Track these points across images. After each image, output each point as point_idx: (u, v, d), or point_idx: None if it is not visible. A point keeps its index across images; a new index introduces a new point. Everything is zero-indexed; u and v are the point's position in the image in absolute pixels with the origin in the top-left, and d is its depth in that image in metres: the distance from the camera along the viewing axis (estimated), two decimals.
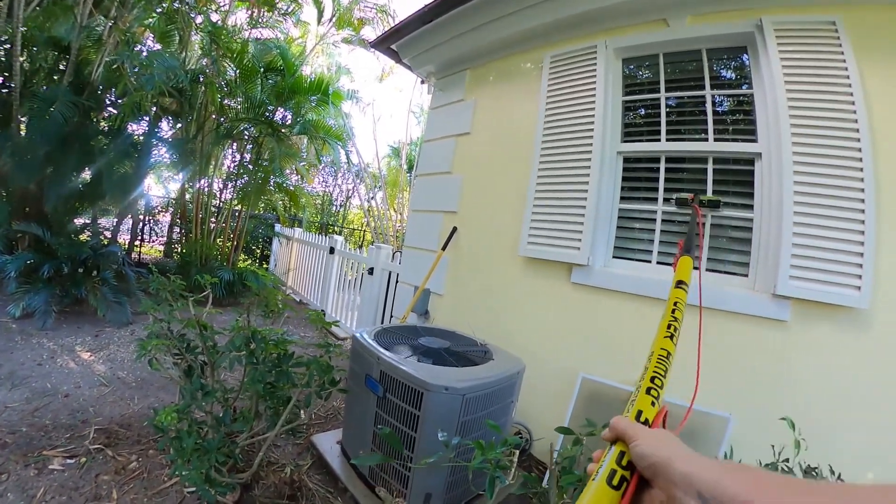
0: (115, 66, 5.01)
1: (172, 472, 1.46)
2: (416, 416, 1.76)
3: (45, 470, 2.03)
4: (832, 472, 1.58)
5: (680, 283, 0.96)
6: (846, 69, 2.03)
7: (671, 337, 0.77)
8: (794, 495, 0.36)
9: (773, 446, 1.65)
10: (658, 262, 2.55)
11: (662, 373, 0.67)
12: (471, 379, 1.84)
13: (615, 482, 0.49)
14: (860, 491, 0.34)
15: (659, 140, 2.66)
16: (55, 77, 5.36)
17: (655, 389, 0.63)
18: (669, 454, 0.45)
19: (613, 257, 2.72)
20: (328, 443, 2.42)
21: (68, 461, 2.12)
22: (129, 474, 2.04)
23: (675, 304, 0.85)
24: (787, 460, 1.58)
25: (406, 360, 1.93)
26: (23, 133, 4.80)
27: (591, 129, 2.74)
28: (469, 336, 2.50)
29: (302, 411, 2.05)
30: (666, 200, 2.57)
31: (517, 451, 1.28)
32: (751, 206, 2.31)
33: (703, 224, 2.13)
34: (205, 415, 1.85)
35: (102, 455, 2.19)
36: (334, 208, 15.02)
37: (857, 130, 1.96)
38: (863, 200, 1.91)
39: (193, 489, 1.48)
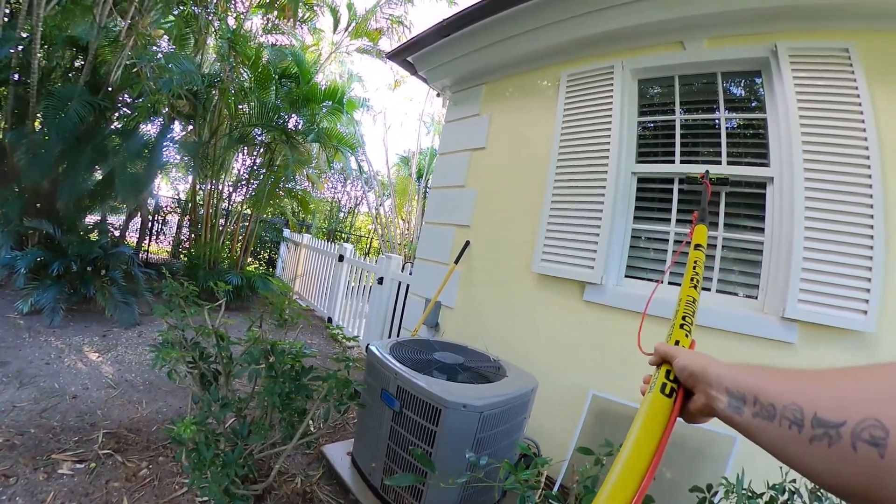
0: (135, 70, 5.05)
1: (190, 483, 1.45)
2: (433, 432, 1.76)
3: (54, 474, 2.02)
4: None
5: (698, 246, 1.13)
6: (858, 96, 2.05)
7: (695, 287, 0.92)
8: (794, 381, 0.45)
9: (780, 467, 1.64)
10: (669, 283, 2.55)
11: (691, 313, 0.82)
12: (487, 396, 1.84)
13: (667, 391, 0.60)
14: (859, 371, 0.42)
15: (673, 162, 2.67)
16: (70, 76, 5.41)
17: (687, 325, 0.78)
18: (704, 363, 0.56)
19: (626, 276, 2.73)
20: (338, 454, 2.41)
21: (77, 466, 2.11)
22: (139, 481, 2.03)
23: (695, 262, 1.03)
24: (794, 480, 1.59)
25: (422, 375, 1.93)
26: (38, 130, 4.84)
27: (607, 149, 2.75)
28: (481, 351, 2.50)
29: (311, 423, 2.04)
30: (679, 222, 2.59)
31: (544, 473, 1.28)
32: (761, 230, 2.33)
33: (713, 196, 2.30)
34: (218, 424, 1.85)
35: (112, 460, 2.18)
36: (342, 215, 15.04)
37: (868, 158, 1.98)
38: (871, 227, 1.94)
39: (206, 499, 1.48)
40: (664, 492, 1.85)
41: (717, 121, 2.60)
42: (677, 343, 0.74)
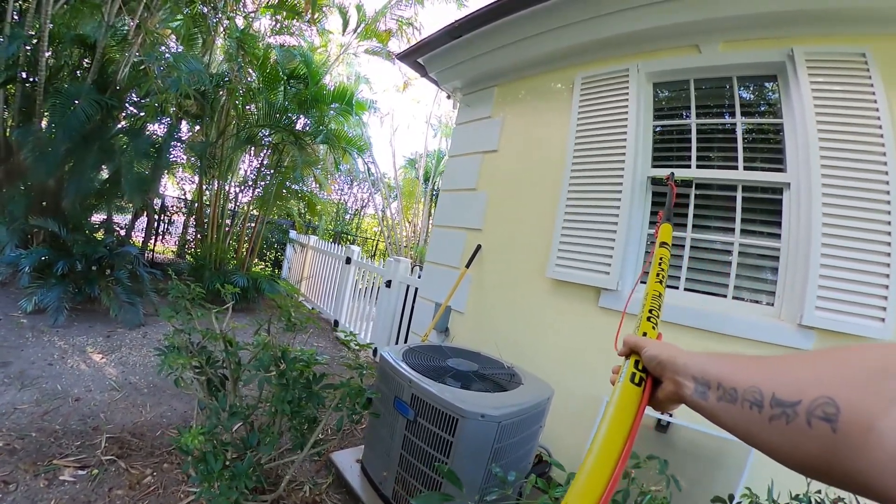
0: (142, 68, 5.03)
1: (198, 495, 1.39)
2: (450, 442, 1.70)
3: (55, 481, 1.96)
4: None
5: (663, 244, 1.19)
6: (875, 101, 2.02)
7: (661, 282, 0.96)
8: (754, 366, 0.47)
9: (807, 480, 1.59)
10: (686, 289, 2.50)
11: (658, 306, 0.86)
12: (505, 406, 1.78)
13: (636, 381, 0.63)
14: (813, 355, 0.44)
15: (689, 167, 2.62)
16: (78, 74, 5.39)
17: (653, 318, 0.82)
18: (673, 352, 0.59)
19: (641, 282, 2.67)
20: (347, 461, 2.35)
21: (79, 472, 2.05)
22: (144, 489, 1.97)
23: (660, 258, 1.08)
24: (819, 491, 1.54)
25: (437, 383, 1.87)
26: (45, 128, 4.81)
27: (623, 153, 2.70)
28: (495, 358, 2.44)
29: (319, 430, 1.98)
30: (695, 227, 2.54)
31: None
32: (778, 236, 2.29)
33: (676, 197, 2.32)
34: (226, 431, 1.79)
35: (115, 467, 2.12)
36: (348, 216, 15.00)
37: (886, 164, 1.95)
38: (889, 233, 1.91)
39: None
40: (681, 502, 1.79)
41: (731, 125, 2.55)
42: (645, 335, 0.77)
